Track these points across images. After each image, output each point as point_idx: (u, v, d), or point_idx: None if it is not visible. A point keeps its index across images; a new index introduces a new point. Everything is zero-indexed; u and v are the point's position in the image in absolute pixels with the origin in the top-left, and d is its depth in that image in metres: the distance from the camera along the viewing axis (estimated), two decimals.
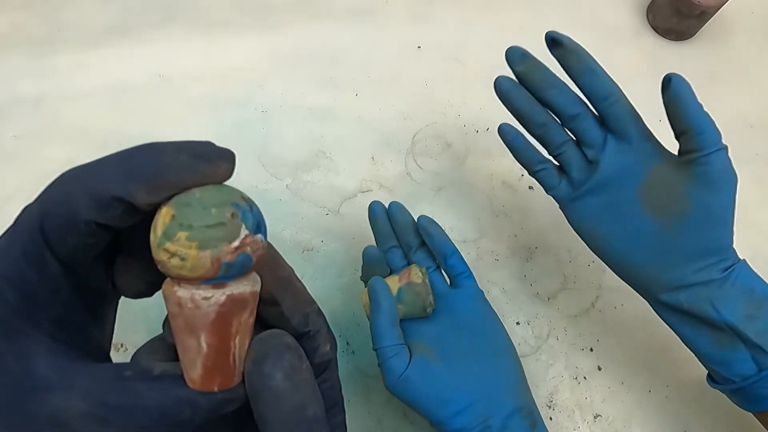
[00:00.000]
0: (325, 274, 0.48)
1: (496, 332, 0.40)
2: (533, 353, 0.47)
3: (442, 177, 0.52)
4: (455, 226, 0.50)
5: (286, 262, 0.24)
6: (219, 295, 0.19)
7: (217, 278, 0.19)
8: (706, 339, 0.35)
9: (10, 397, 0.18)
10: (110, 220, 0.19)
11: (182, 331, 0.19)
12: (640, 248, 0.36)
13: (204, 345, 0.19)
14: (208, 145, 0.20)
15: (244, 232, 0.19)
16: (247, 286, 0.20)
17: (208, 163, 0.20)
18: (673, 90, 0.34)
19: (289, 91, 0.55)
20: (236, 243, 0.19)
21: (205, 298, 0.19)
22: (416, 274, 0.39)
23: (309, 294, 0.25)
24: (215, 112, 0.54)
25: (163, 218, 0.19)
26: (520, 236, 0.50)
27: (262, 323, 0.24)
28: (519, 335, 0.47)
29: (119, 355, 0.44)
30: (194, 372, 0.19)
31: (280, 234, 0.49)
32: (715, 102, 0.57)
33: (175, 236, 0.18)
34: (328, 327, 0.26)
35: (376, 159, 0.53)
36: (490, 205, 0.52)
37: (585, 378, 0.46)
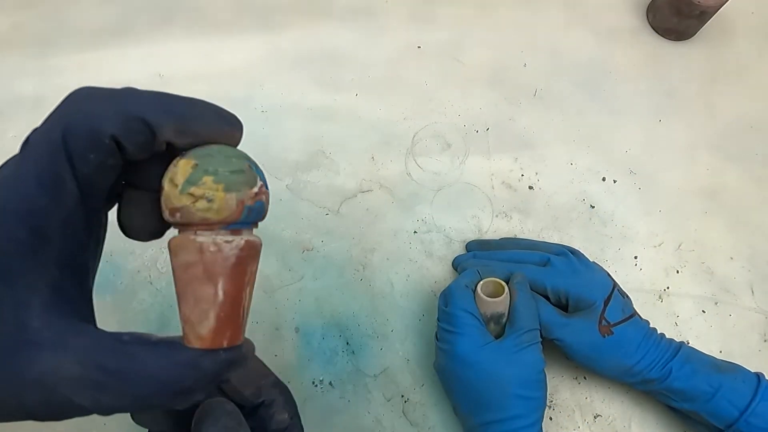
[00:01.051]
0: (325, 274, 0.48)
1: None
2: None
3: (442, 177, 0.52)
4: (455, 226, 0.50)
5: None
6: (239, 240, 0.20)
7: (238, 222, 0.20)
8: (681, 413, 0.42)
9: (2, 350, 0.17)
10: (132, 144, 0.18)
11: (198, 281, 0.19)
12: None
13: (221, 293, 0.19)
14: (230, 113, 0.21)
15: (259, 181, 0.20)
16: (257, 236, 0.21)
17: (230, 126, 0.21)
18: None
19: (289, 91, 0.55)
20: (256, 189, 0.20)
21: (227, 242, 0.19)
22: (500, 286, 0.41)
23: (265, 368, 0.27)
24: None
25: (183, 168, 0.19)
26: (520, 236, 0.50)
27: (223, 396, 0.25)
28: None
29: None
30: (205, 326, 0.19)
31: (280, 234, 0.49)
32: (715, 102, 0.58)
33: (200, 180, 0.19)
34: (287, 396, 0.27)
35: (376, 159, 0.53)
36: (490, 205, 0.52)
37: (585, 378, 0.46)
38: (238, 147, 0.21)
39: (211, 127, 0.20)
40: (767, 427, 0.37)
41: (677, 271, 0.50)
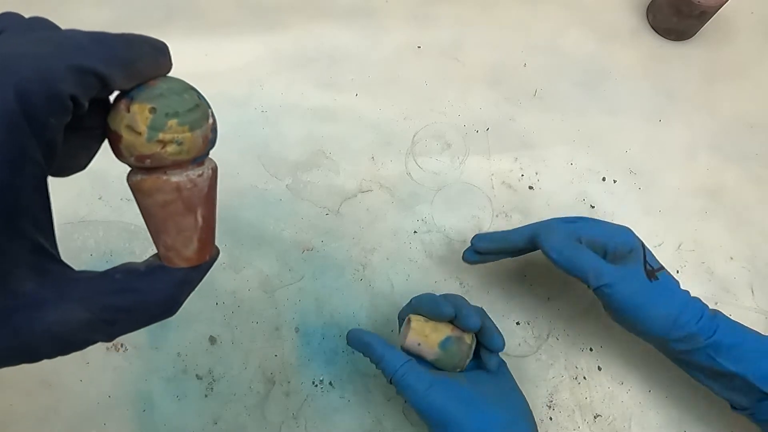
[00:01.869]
0: (325, 274, 0.48)
1: (516, 403, 0.40)
2: (533, 353, 0.47)
3: (442, 177, 0.52)
4: (455, 226, 0.51)
5: None
6: (207, 170, 0.21)
7: (203, 156, 0.21)
8: (716, 384, 0.38)
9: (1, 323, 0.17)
10: (87, 100, 0.18)
11: (179, 215, 0.21)
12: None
13: (200, 219, 0.21)
14: (155, 39, 0.20)
15: (208, 109, 0.22)
16: (213, 161, 0.22)
17: (165, 56, 0.21)
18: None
19: (289, 91, 0.55)
20: (211, 120, 0.21)
21: (200, 176, 0.21)
22: (469, 336, 0.39)
23: None
24: (215, 112, 0.54)
25: (141, 114, 0.19)
26: None
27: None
28: (519, 335, 0.47)
29: (120, 355, 0.44)
30: (190, 249, 0.21)
31: (280, 234, 0.49)
32: (715, 102, 0.58)
33: (165, 125, 0.19)
34: None
35: (376, 159, 0.53)
36: (490, 205, 0.52)
37: (585, 378, 0.46)
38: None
39: (153, 63, 0.20)
40: None
41: (677, 271, 0.50)
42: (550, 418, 0.44)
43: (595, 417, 0.45)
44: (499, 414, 0.36)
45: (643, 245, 0.40)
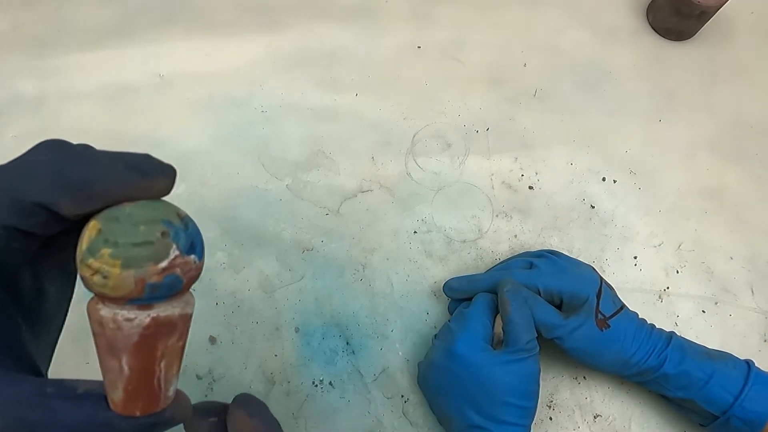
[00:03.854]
0: (325, 274, 0.48)
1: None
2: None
3: (442, 177, 0.52)
4: (455, 226, 0.51)
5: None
6: (143, 317, 0.18)
7: (142, 299, 0.18)
8: (674, 405, 0.43)
9: None
10: (33, 227, 0.18)
11: (104, 352, 0.18)
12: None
13: (126, 367, 0.18)
14: (145, 158, 0.19)
15: (174, 252, 0.18)
16: (176, 309, 0.19)
17: (142, 177, 0.18)
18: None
19: (289, 91, 0.55)
20: (164, 264, 0.18)
21: (128, 320, 0.18)
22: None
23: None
24: (215, 112, 0.54)
25: (89, 232, 0.18)
26: (520, 236, 0.50)
27: None
28: None
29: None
30: (116, 395, 0.18)
31: (280, 234, 0.49)
32: (715, 102, 0.58)
33: (98, 252, 0.17)
34: None
35: (376, 159, 0.53)
36: (490, 205, 0.52)
37: (585, 378, 0.46)
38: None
39: (117, 185, 0.18)
40: (761, 411, 0.37)
41: (677, 271, 0.50)
42: (550, 418, 0.44)
43: (595, 417, 0.45)
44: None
45: (600, 289, 0.42)
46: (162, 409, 0.19)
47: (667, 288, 0.49)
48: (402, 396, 0.44)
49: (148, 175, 0.18)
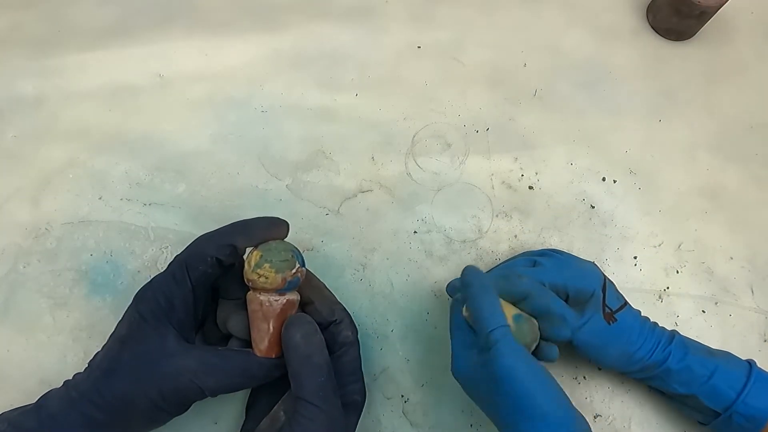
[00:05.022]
0: (325, 274, 0.48)
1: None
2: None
3: (442, 177, 0.52)
4: (455, 226, 0.51)
5: (319, 280, 0.41)
6: (283, 299, 0.35)
7: (282, 290, 0.35)
8: (676, 402, 0.43)
9: (153, 359, 0.33)
10: (223, 256, 0.36)
11: (259, 320, 0.35)
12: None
13: (272, 327, 0.35)
14: (277, 218, 0.38)
15: (297, 265, 0.36)
16: (296, 295, 0.37)
17: (275, 227, 0.38)
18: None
19: (289, 91, 0.55)
20: (294, 270, 0.36)
21: (276, 300, 0.35)
22: (534, 320, 0.39)
23: (335, 297, 0.40)
24: (215, 112, 0.54)
25: (255, 257, 0.35)
26: (520, 236, 0.50)
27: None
28: None
29: None
30: (263, 344, 0.35)
31: None
32: (715, 102, 0.58)
33: (262, 266, 0.35)
34: (351, 319, 0.40)
35: (376, 159, 0.53)
36: (490, 205, 0.52)
37: (585, 378, 0.46)
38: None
39: (265, 233, 0.37)
40: (763, 408, 0.38)
41: (677, 271, 0.50)
42: None
43: (595, 417, 0.45)
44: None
45: (605, 284, 0.41)
46: (280, 355, 0.35)
47: (667, 288, 0.49)
48: (402, 396, 0.44)
49: (278, 226, 0.38)
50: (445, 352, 0.46)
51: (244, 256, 0.37)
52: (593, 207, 0.52)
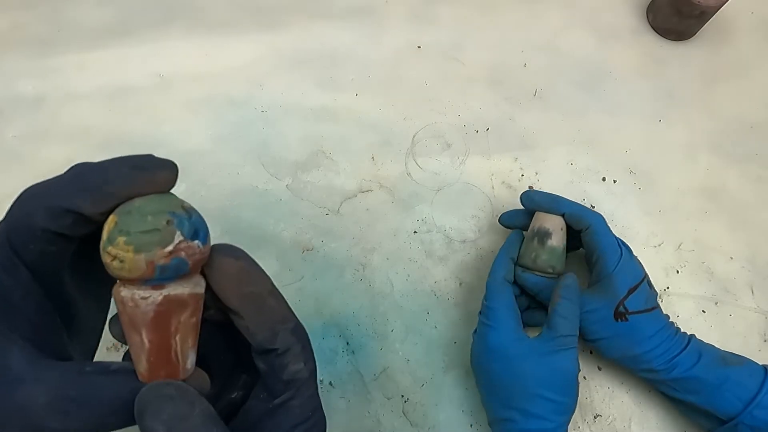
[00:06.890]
0: (325, 274, 0.48)
1: None
2: None
3: (442, 177, 0.52)
4: (455, 226, 0.50)
5: (263, 279, 0.24)
6: (156, 296, 0.21)
7: (153, 280, 0.20)
8: (682, 407, 0.43)
9: None
10: (64, 229, 0.21)
11: (128, 328, 0.21)
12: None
13: (146, 341, 0.21)
14: (147, 157, 0.22)
15: (178, 237, 0.20)
16: (186, 288, 0.21)
17: (145, 173, 0.21)
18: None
19: (289, 91, 0.55)
20: (170, 248, 0.20)
21: (143, 298, 0.20)
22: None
23: (286, 312, 0.25)
24: (215, 112, 0.54)
25: (108, 225, 0.21)
26: None
27: (234, 334, 0.25)
28: None
29: (120, 355, 0.44)
30: (141, 366, 0.21)
31: (280, 234, 0.49)
32: (715, 102, 0.58)
33: (115, 240, 0.20)
34: (305, 346, 0.25)
35: (376, 159, 0.53)
36: (490, 205, 0.52)
37: (585, 378, 0.46)
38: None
39: (125, 183, 0.21)
40: None
41: (677, 271, 0.50)
42: None
43: (595, 417, 0.45)
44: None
45: (641, 283, 0.42)
46: (183, 379, 0.22)
47: (667, 288, 0.49)
48: (402, 396, 0.44)
49: (150, 171, 0.21)
50: (445, 352, 0.46)
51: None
52: (593, 207, 0.52)
